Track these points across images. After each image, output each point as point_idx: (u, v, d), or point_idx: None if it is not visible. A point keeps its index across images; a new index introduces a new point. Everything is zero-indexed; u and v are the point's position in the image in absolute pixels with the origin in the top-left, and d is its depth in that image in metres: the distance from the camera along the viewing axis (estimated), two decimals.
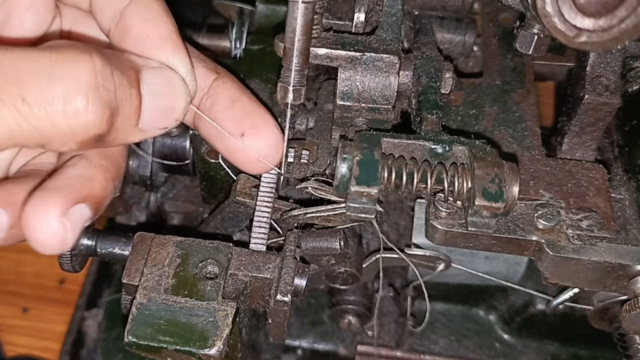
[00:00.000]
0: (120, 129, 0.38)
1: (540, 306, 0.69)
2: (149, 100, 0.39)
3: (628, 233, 0.49)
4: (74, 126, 0.35)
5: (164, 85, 0.40)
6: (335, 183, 0.43)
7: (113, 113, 0.36)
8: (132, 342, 0.40)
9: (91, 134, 0.36)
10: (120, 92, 0.37)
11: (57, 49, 0.35)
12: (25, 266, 0.92)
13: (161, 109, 0.40)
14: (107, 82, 0.36)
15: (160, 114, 0.40)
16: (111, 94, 0.36)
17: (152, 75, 0.40)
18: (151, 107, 0.39)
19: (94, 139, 0.37)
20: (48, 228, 0.36)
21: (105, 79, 0.36)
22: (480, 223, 0.42)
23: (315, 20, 0.45)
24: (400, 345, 0.71)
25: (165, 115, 0.41)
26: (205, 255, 0.44)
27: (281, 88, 0.44)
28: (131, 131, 0.39)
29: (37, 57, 0.35)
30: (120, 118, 0.37)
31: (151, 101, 0.39)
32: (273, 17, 0.63)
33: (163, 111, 0.41)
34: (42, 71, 0.34)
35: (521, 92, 0.56)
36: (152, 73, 0.40)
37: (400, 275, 0.68)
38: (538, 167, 0.49)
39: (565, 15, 0.38)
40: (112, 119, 0.37)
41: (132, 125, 0.39)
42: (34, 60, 0.34)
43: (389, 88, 0.48)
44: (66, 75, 0.34)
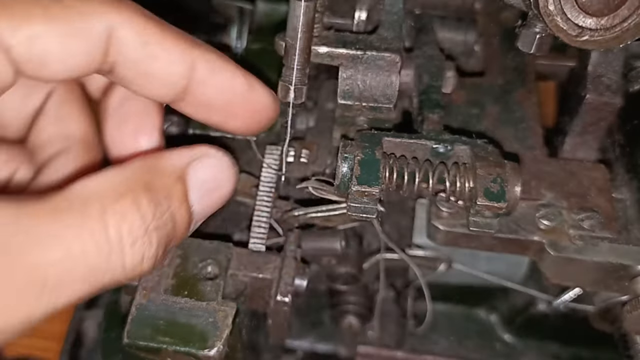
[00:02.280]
0: (173, 246, 0.37)
1: (541, 307, 0.69)
2: (199, 204, 0.38)
3: (630, 233, 0.48)
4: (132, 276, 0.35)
5: (212, 180, 0.39)
6: (337, 183, 0.43)
7: (167, 246, 0.36)
8: (131, 343, 0.40)
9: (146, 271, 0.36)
10: (172, 220, 0.36)
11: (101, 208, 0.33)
12: None
13: (212, 205, 0.39)
14: (158, 221, 0.35)
15: (209, 210, 0.40)
16: (164, 230, 0.35)
17: (200, 173, 0.38)
18: (202, 209, 0.39)
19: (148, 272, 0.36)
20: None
21: (156, 220, 0.35)
22: (482, 223, 0.42)
23: (317, 19, 0.45)
24: (401, 346, 0.71)
25: (214, 207, 0.40)
26: (205, 256, 0.44)
27: (282, 87, 0.44)
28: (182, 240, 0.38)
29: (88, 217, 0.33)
30: (173, 240, 0.37)
31: (202, 203, 0.38)
32: (274, 16, 0.63)
33: (214, 205, 0.40)
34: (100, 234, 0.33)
35: (523, 91, 0.56)
36: (199, 170, 0.38)
37: (401, 275, 0.68)
38: (540, 167, 0.49)
39: (568, 14, 0.38)
40: (167, 249, 0.36)
41: (183, 237, 0.38)
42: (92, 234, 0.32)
43: (390, 87, 0.48)
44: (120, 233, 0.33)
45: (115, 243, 0.33)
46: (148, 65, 0.39)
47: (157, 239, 0.35)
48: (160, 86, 0.40)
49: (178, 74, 0.39)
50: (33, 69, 0.37)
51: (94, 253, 0.32)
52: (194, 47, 0.40)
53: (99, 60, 0.38)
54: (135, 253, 0.34)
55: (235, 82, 0.41)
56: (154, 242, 0.35)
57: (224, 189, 0.40)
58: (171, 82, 0.40)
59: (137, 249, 0.34)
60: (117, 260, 0.33)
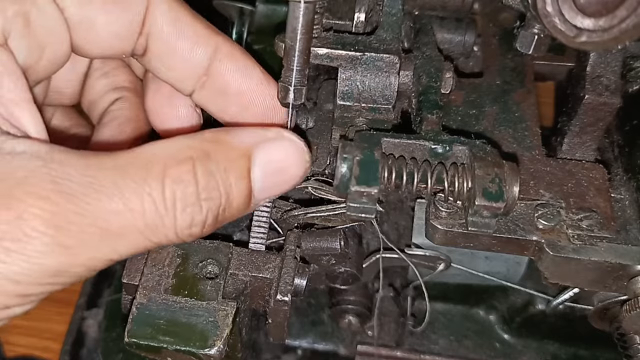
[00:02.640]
0: (229, 218, 0.39)
1: (540, 306, 0.69)
2: (262, 182, 0.39)
3: (628, 233, 0.48)
4: (183, 237, 0.37)
5: (280, 161, 0.40)
6: (336, 183, 0.43)
7: (218, 215, 0.38)
8: (132, 342, 0.40)
9: (198, 236, 0.38)
10: (227, 194, 0.37)
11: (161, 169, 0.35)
12: None
13: (276, 185, 0.40)
14: (211, 191, 0.36)
15: (275, 190, 0.41)
16: (215, 201, 0.37)
17: (267, 153, 0.39)
18: (265, 187, 0.39)
19: (202, 235, 0.38)
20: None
21: (209, 189, 0.36)
22: (481, 223, 0.42)
23: (316, 20, 0.45)
24: (400, 345, 0.71)
25: (280, 189, 0.41)
26: (205, 255, 0.44)
27: (282, 88, 0.44)
28: (242, 213, 0.40)
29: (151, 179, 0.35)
30: (227, 212, 0.38)
31: (265, 181, 0.39)
32: (273, 17, 0.63)
33: (278, 187, 0.41)
34: (158, 196, 0.35)
35: (521, 92, 0.56)
36: (267, 150, 0.39)
37: (401, 275, 0.68)
38: (538, 167, 0.49)
39: (566, 15, 0.38)
40: (218, 219, 0.38)
41: (243, 210, 0.39)
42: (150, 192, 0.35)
43: (389, 88, 0.48)
44: (174, 197, 0.35)
45: (170, 205, 0.35)
46: (176, 42, 0.42)
47: (207, 208, 0.36)
48: (185, 66, 0.42)
49: (202, 54, 0.42)
50: (82, 38, 0.40)
51: (151, 210, 0.34)
52: (217, 33, 0.43)
53: (137, 30, 0.41)
54: (186, 217, 0.36)
55: (254, 72, 0.43)
56: (203, 210, 0.36)
57: (291, 171, 0.40)
58: (195, 62, 0.42)
59: (187, 214, 0.36)
60: (170, 220, 0.35)
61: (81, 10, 0.40)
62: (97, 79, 0.48)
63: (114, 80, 0.48)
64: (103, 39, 0.41)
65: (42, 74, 0.41)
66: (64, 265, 0.33)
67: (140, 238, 0.35)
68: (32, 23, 0.38)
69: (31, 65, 0.39)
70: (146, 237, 0.35)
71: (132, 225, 0.34)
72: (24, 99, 0.37)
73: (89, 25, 0.40)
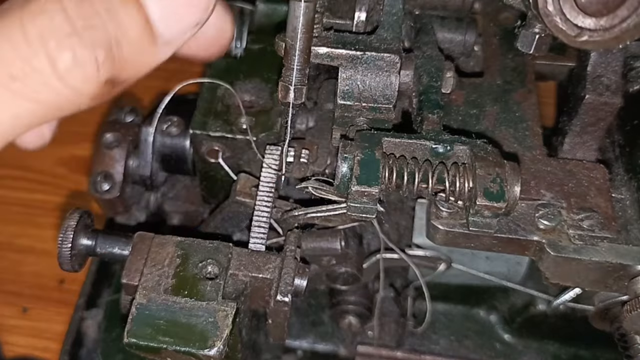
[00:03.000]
0: (133, 58, 0.32)
1: (541, 306, 0.69)
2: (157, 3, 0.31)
3: (629, 233, 0.48)
4: (75, 85, 0.30)
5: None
6: (336, 183, 0.43)
7: (112, 48, 0.30)
8: (131, 343, 0.40)
9: (98, 83, 0.30)
10: (112, 20, 0.30)
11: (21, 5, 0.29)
12: (25, 266, 0.92)
13: (180, 16, 0.32)
14: (88, 19, 0.29)
15: (181, 12, 0.32)
16: (99, 30, 0.30)
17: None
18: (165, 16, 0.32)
19: (106, 86, 0.31)
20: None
21: (84, 17, 0.29)
22: (482, 223, 0.42)
23: (316, 20, 0.45)
24: (400, 346, 0.71)
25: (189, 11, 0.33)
26: (205, 255, 0.44)
27: (282, 87, 0.44)
28: (150, 51, 0.32)
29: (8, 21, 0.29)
30: (125, 47, 0.31)
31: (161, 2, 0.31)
32: (274, 16, 0.63)
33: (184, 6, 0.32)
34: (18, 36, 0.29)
35: (522, 91, 0.56)
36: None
37: (401, 275, 0.68)
38: (539, 167, 0.49)
39: (567, 14, 0.38)
40: (113, 56, 0.30)
41: (148, 45, 0.32)
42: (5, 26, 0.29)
43: (389, 87, 0.48)
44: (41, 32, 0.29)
45: (35, 42, 0.29)
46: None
47: (91, 39, 0.29)
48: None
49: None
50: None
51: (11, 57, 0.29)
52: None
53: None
54: (64, 54, 0.29)
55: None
56: (86, 41, 0.29)
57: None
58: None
59: (64, 49, 0.29)
60: (42, 62, 0.29)
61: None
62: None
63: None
64: None
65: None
66: None
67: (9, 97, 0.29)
68: None
69: None
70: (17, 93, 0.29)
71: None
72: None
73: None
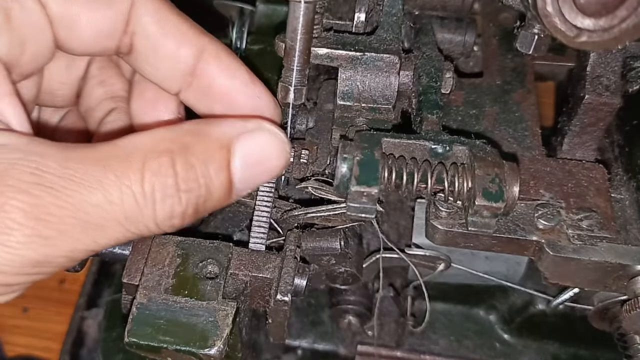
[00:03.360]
0: (210, 209, 0.39)
1: (540, 306, 0.69)
2: (242, 172, 0.39)
3: (628, 233, 0.49)
4: (164, 227, 0.37)
5: (260, 152, 0.40)
6: (336, 183, 0.43)
7: (198, 206, 0.38)
8: (132, 342, 0.40)
9: (178, 226, 0.38)
10: (207, 185, 0.38)
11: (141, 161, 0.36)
12: None
13: (257, 176, 0.40)
14: (190, 183, 0.37)
15: (255, 181, 0.41)
16: (195, 192, 0.37)
17: (247, 144, 0.39)
18: (245, 178, 0.40)
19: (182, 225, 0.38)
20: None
21: (188, 181, 0.37)
22: (481, 223, 0.42)
23: (316, 20, 0.45)
24: (400, 345, 0.71)
25: (261, 180, 0.41)
26: (206, 255, 0.44)
27: (282, 88, 0.44)
28: (223, 204, 0.40)
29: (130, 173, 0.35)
30: (208, 203, 0.38)
31: (245, 172, 0.39)
32: (274, 17, 0.63)
33: (259, 177, 0.41)
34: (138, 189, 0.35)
35: (521, 92, 0.57)
36: (247, 141, 0.39)
37: (401, 275, 0.68)
38: (538, 167, 0.49)
39: (566, 15, 0.38)
40: (198, 210, 0.38)
41: (225, 200, 0.39)
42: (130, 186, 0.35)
43: (389, 88, 0.48)
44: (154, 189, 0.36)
45: (149, 196, 0.35)
46: (162, 42, 0.42)
47: (187, 199, 0.37)
48: (170, 66, 0.43)
49: (188, 54, 0.42)
50: (65, 34, 0.41)
51: (130, 202, 0.35)
52: (203, 33, 0.43)
53: (121, 28, 0.42)
54: (165, 209, 0.36)
55: (239, 72, 0.43)
56: (183, 202, 0.37)
57: (271, 163, 0.41)
58: (181, 62, 0.42)
59: (166, 205, 0.36)
60: (149, 212, 0.36)
61: (63, 7, 0.40)
62: (93, 87, 0.48)
63: (110, 89, 0.48)
64: (86, 36, 0.42)
65: (26, 69, 0.41)
66: (45, 256, 0.34)
67: (120, 229, 0.36)
68: (14, 18, 0.38)
69: (13, 60, 0.39)
70: (126, 228, 0.36)
71: (112, 217, 0.35)
72: (6, 93, 0.37)
73: (72, 22, 0.41)
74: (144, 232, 0.37)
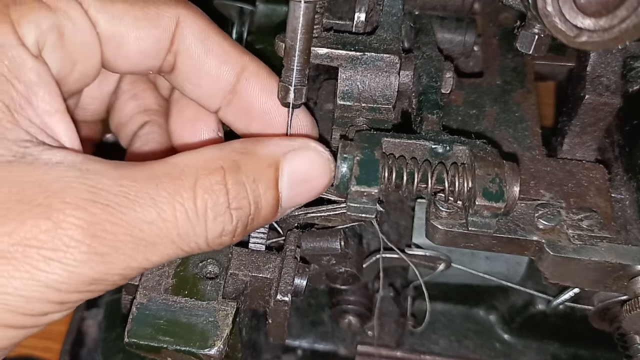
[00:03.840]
0: (255, 227, 0.40)
1: (540, 306, 0.69)
2: (288, 191, 0.40)
3: (628, 233, 0.48)
4: (213, 245, 0.38)
5: (306, 170, 0.41)
6: (336, 183, 0.43)
7: (247, 224, 0.39)
8: (132, 342, 0.40)
9: (227, 245, 0.39)
10: (255, 204, 0.38)
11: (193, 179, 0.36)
12: None
13: (302, 194, 0.41)
14: (241, 201, 0.37)
15: (301, 199, 0.42)
16: (245, 210, 0.38)
17: (294, 163, 0.40)
18: (291, 196, 0.40)
19: (230, 244, 0.39)
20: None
21: (239, 199, 0.37)
22: (481, 223, 0.42)
23: (316, 20, 0.45)
24: (400, 345, 0.71)
25: (306, 198, 0.42)
26: (205, 255, 0.44)
27: (282, 88, 0.44)
28: (267, 222, 0.41)
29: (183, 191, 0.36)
30: (256, 221, 0.39)
31: (292, 190, 0.40)
32: (273, 17, 0.63)
33: (304, 195, 0.42)
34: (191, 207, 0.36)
35: (522, 92, 0.57)
36: (294, 160, 0.40)
37: (401, 275, 0.68)
38: (538, 167, 0.49)
39: (566, 15, 0.38)
40: (247, 228, 0.39)
41: (268, 220, 0.40)
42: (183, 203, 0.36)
43: (389, 88, 0.48)
44: (206, 206, 0.36)
45: (201, 214, 0.36)
46: (204, 60, 0.43)
47: (237, 217, 0.38)
48: (212, 84, 0.43)
49: (229, 72, 0.43)
50: (113, 53, 0.41)
51: (183, 220, 0.35)
52: (245, 52, 0.44)
53: (166, 47, 0.42)
54: (216, 226, 0.37)
55: (275, 84, 0.44)
56: (233, 220, 0.37)
57: (317, 181, 0.41)
58: (222, 80, 0.43)
59: (217, 223, 0.37)
60: (201, 229, 0.36)
61: (113, 25, 0.40)
62: (125, 101, 0.49)
63: (143, 102, 0.49)
64: (133, 55, 0.42)
65: (73, 87, 0.42)
66: (101, 274, 0.34)
67: (173, 247, 0.36)
68: (66, 36, 0.39)
69: (64, 77, 0.40)
70: (178, 245, 0.36)
71: (165, 234, 0.35)
72: (59, 110, 0.38)
73: (120, 41, 0.41)
74: (194, 249, 0.37)
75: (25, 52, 0.36)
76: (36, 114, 0.36)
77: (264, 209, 0.39)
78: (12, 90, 0.35)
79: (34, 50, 0.37)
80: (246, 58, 0.44)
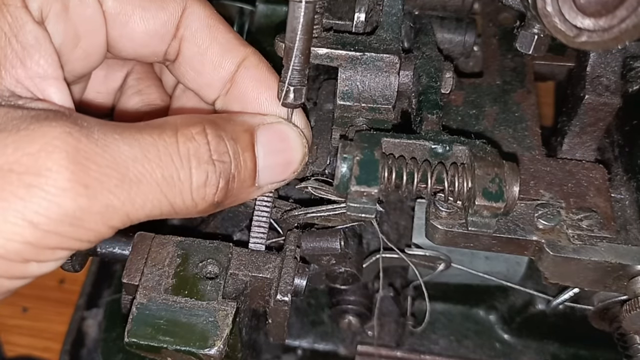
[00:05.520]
0: (237, 193, 0.40)
1: (540, 306, 0.69)
2: (264, 160, 0.41)
3: (628, 233, 0.48)
4: (197, 199, 0.38)
5: (279, 141, 0.42)
6: (336, 183, 0.43)
7: (229, 181, 0.39)
8: (132, 342, 0.40)
9: (210, 203, 0.39)
10: (235, 160, 0.39)
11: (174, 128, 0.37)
12: None
13: (278, 166, 0.42)
14: (221, 154, 0.38)
15: (277, 171, 0.42)
16: (226, 165, 0.38)
17: (268, 133, 0.41)
18: (267, 166, 0.41)
19: (212, 206, 0.39)
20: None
21: (219, 152, 0.38)
22: (481, 223, 0.42)
23: (316, 20, 0.45)
24: (400, 345, 0.71)
25: (282, 171, 0.43)
26: (205, 255, 0.44)
27: (282, 88, 0.44)
28: (248, 191, 0.41)
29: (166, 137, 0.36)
30: (236, 183, 0.40)
31: (267, 160, 0.41)
32: (273, 17, 0.63)
33: (280, 167, 0.42)
34: (174, 150, 0.36)
35: (521, 92, 0.57)
36: (267, 131, 0.42)
37: (401, 275, 0.68)
38: (538, 167, 0.49)
39: (566, 15, 0.38)
40: (228, 187, 0.39)
41: (249, 186, 0.41)
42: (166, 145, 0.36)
43: (389, 88, 0.48)
44: (189, 152, 0.37)
45: (185, 159, 0.36)
46: (208, 47, 0.43)
47: (220, 169, 0.38)
48: (213, 72, 0.44)
49: (231, 61, 0.44)
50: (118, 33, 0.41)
51: (168, 161, 0.36)
52: (247, 45, 0.45)
53: (172, 32, 0.43)
54: (201, 174, 0.37)
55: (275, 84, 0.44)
56: (217, 170, 0.38)
57: (290, 153, 0.42)
58: (224, 69, 0.44)
59: (201, 170, 0.37)
60: (185, 175, 0.36)
61: (119, 4, 0.41)
62: (130, 96, 0.49)
63: (147, 97, 0.49)
64: (138, 37, 0.42)
65: (78, 67, 0.42)
66: (82, 210, 0.33)
67: (157, 191, 0.36)
68: (71, 9, 0.39)
69: (67, 53, 0.40)
70: (162, 191, 0.36)
71: (150, 174, 0.35)
72: (53, 76, 0.38)
73: (125, 20, 0.41)
74: (177, 201, 0.37)
75: (26, 15, 0.37)
76: (27, 76, 0.36)
77: (243, 170, 0.40)
78: (7, 48, 0.36)
79: (36, 16, 0.37)
80: (248, 49, 0.45)
